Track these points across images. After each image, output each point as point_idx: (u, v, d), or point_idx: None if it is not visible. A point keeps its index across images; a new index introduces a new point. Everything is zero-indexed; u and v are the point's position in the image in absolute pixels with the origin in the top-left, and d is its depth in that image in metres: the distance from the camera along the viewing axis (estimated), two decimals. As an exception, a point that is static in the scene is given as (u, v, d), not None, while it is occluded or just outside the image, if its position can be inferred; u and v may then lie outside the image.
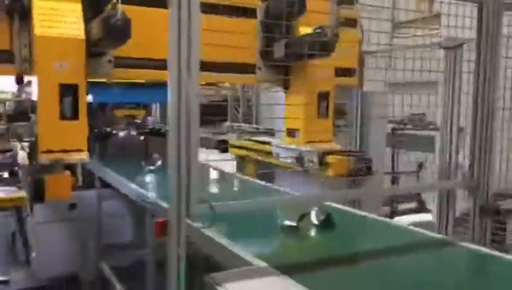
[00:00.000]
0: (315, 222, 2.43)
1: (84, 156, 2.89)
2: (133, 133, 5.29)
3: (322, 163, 3.61)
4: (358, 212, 2.83)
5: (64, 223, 3.98)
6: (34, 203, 3.55)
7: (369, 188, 3.57)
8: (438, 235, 2.45)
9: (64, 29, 2.76)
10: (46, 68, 2.76)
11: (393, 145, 6.22)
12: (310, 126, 3.64)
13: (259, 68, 3.67)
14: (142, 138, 5.24)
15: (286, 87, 3.82)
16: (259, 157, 4.55)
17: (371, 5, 3.77)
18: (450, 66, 3.41)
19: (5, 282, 3.94)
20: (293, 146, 3.79)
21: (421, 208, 5.70)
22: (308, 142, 3.65)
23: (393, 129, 6.17)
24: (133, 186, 3.29)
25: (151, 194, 3.04)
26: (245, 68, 3.61)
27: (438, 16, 5.10)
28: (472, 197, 2.66)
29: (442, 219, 3.31)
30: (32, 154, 3.20)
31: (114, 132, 5.14)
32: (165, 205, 2.45)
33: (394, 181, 6.32)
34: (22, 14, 2.85)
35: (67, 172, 2.94)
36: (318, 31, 3.21)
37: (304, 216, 2.42)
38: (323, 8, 3.62)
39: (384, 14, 3.39)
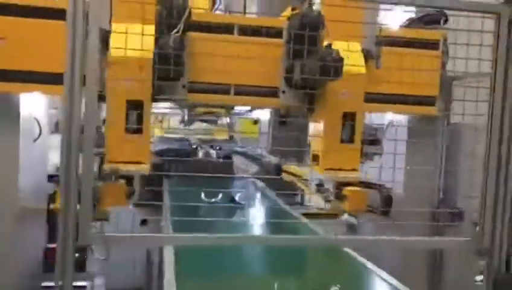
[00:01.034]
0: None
1: (143, 168, 3.03)
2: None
3: (339, 194, 3.32)
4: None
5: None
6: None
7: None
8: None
9: (133, 50, 2.90)
10: (114, 85, 2.99)
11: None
12: (330, 151, 3.36)
13: (283, 92, 3.53)
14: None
15: (311, 111, 3.60)
16: (299, 184, 4.39)
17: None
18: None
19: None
20: (315, 173, 3.55)
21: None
22: (327, 169, 3.37)
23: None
24: None
25: None
26: (268, 91, 3.50)
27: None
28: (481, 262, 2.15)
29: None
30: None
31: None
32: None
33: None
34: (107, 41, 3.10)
35: (122, 181, 3.02)
36: (322, 54, 2.98)
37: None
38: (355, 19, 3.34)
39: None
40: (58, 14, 2.85)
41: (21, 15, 2.92)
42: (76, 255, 1.73)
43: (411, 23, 3.74)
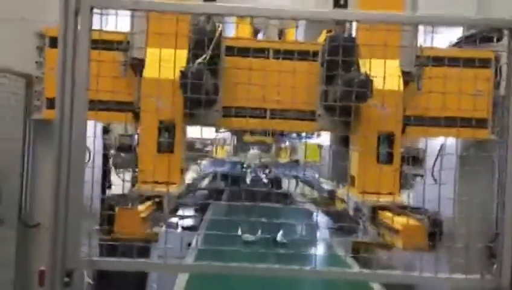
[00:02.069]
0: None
1: (172, 189, 3.00)
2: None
3: (375, 221, 3.07)
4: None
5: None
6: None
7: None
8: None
9: (166, 73, 2.92)
10: (148, 106, 3.11)
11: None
12: (365, 173, 3.14)
13: (319, 115, 3.44)
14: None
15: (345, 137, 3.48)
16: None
17: None
18: None
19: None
20: (352, 196, 3.36)
21: None
22: (363, 192, 3.16)
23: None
24: None
25: None
26: (305, 115, 3.44)
27: None
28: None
29: None
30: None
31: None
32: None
33: None
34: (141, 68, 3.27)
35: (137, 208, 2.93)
36: (348, 77, 2.87)
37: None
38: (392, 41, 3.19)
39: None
40: None
41: None
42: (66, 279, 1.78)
43: (459, 42, 3.48)
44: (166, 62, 2.95)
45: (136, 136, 4.53)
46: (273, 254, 2.93)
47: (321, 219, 5.28)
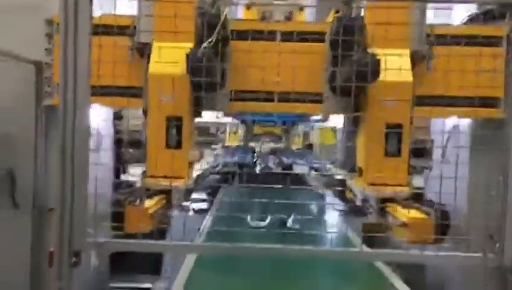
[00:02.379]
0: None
1: (179, 183, 3.02)
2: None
3: (383, 212, 3.06)
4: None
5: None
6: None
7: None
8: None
9: (171, 68, 2.99)
10: (155, 102, 3.11)
11: None
12: (373, 165, 3.13)
13: (327, 97, 3.41)
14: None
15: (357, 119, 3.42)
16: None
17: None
18: None
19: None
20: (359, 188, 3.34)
21: None
22: (371, 184, 3.13)
23: None
24: None
25: None
26: (312, 98, 3.41)
27: None
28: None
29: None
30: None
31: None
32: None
33: None
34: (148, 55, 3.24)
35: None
36: (356, 58, 2.83)
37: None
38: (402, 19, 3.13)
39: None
40: None
41: None
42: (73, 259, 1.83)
43: (471, 20, 3.40)
44: (172, 56, 2.97)
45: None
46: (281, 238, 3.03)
47: (332, 201, 5.26)
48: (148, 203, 2.78)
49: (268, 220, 3.67)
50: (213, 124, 8.91)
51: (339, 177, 4.98)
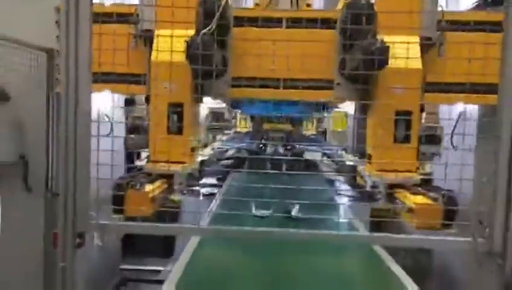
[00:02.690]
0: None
1: (178, 167, 3.07)
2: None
3: (391, 198, 3.06)
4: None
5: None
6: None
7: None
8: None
9: (173, 55, 2.96)
10: (157, 88, 3.14)
11: None
12: (382, 152, 3.13)
13: (338, 83, 3.38)
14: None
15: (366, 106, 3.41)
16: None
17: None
18: None
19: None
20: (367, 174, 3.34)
21: None
22: (380, 170, 3.13)
23: None
24: None
25: None
26: (322, 84, 3.39)
27: None
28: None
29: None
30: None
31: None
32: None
33: None
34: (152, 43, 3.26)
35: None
36: (365, 45, 2.80)
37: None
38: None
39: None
40: None
41: None
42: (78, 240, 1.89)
43: (479, 6, 3.33)
44: (174, 44, 2.94)
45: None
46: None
47: (343, 187, 5.23)
48: (149, 187, 2.82)
49: (271, 210, 3.62)
50: (226, 109, 8.92)
51: (349, 163, 4.97)
